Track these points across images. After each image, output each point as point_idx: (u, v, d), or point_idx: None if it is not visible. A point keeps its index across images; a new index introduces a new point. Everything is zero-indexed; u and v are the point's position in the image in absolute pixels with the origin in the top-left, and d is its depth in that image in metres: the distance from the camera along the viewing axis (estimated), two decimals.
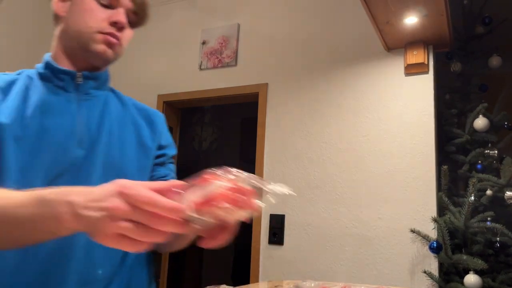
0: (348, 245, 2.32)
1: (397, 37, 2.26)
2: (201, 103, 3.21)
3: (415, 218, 2.18)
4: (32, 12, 3.20)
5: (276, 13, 2.84)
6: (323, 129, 2.52)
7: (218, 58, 2.94)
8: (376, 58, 2.45)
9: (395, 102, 2.36)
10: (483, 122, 2.19)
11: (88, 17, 0.88)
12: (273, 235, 2.52)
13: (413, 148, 2.26)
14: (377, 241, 2.25)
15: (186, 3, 3.20)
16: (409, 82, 2.34)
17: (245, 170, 0.56)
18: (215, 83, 2.91)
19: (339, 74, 2.54)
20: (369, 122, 2.40)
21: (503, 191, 2.02)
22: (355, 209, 2.34)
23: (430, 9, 1.97)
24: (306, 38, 2.69)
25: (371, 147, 2.36)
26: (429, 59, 2.31)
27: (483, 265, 1.86)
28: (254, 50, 2.85)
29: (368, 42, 2.46)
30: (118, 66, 1.03)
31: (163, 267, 3.02)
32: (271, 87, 2.74)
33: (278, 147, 2.63)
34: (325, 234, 2.38)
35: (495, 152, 2.18)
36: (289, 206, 2.51)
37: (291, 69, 2.70)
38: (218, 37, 2.98)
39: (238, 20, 2.95)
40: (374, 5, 1.97)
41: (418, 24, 2.12)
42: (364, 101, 2.44)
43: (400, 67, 2.37)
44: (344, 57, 2.55)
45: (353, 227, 2.32)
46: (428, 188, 2.18)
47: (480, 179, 2.07)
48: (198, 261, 4.51)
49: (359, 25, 2.49)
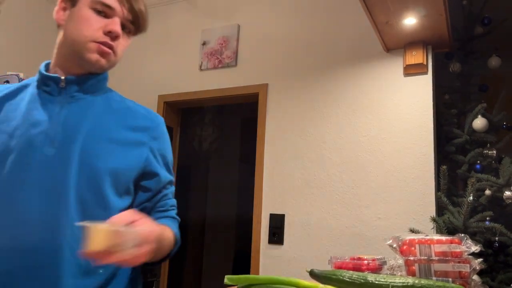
0: (348, 245, 2.32)
1: (397, 37, 2.26)
2: (201, 103, 3.22)
3: (414, 218, 2.18)
4: (32, 12, 3.20)
5: (276, 14, 2.84)
6: (323, 129, 2.52)
7: (218, 59, 2.95)
8: (375, 59, 2.45)
9: (395, 103, 2.36)
10: (482, 122, 2.20)
11: (83, 26, 0.91)
12: (273, 235, 2.53)
13: (412, 148, 2.26)
14: (377, 241, 2.25)
15: (186, 4, 3.20)
16: (409, 82, 2.35)
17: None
18: (215, 84, 2.92)
19: (339, 74, 2.55)
20: (369, 122, 2.40)
21: (502, 191, 2.02)
22: (355, 209, 2.34)
23: (430, 10, 1.97)
24: (306, 38, 2.69)
25: (370, 147, 2.37)
26: (428, 59, 2.31)
27: (482, 265, 1.86)
28: (254, 50, 2.86)
29: (367, 42, 2.46)
30: (118, 66, 1.04)
31: (163, 267, 3.03)
32: (271, 87, 2.74)
33: (278, 147, 2.64)
34: (325, 234, 2.39)
35: (494, 152, 2.18)
36: (289, 206, 2.52)
37: (291, 69, 2.70)
38: (218, 37, 2.98)
39: (238, 20, 2.96)
40: (373, 6, 1.97)
41: (417, 25, 2.12)
42: (364, 101, 2.44)
43: (399, 67, 2.38)
44: (344, 57, 2.55)
45: (353, 227, 2.33)
46: (427, 188, 2.19)
47: (479, 179, 2.08)
48: (198, 261, 4.52)
49: (358, 25, 2.50)
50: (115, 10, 0.93)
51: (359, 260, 0.96)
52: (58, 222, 0.83)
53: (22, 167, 0.85)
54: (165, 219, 0.98)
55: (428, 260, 0.83)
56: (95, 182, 0.88)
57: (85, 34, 0.91)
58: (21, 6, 3.14)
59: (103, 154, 0.90)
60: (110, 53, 0.93)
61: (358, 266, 0.94)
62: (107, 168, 0.89)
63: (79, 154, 0.87)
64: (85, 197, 0.86)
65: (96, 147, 0.90)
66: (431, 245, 0.84)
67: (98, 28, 0.91)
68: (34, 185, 0.84)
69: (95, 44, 0.91)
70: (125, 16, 0.95)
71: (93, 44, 0.91)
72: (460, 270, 0.81)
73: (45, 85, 0.94)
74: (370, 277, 0.75)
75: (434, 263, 0.82)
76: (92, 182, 0.87)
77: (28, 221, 0.82)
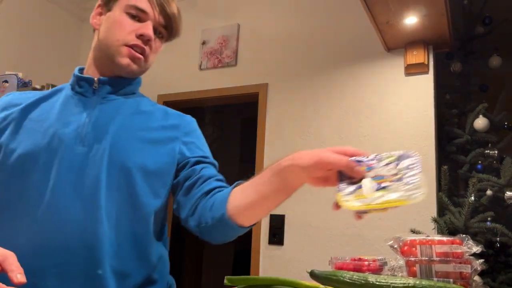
0: (348, 245, 2.31)
1: (397, 37, 2.26)
2: (201, 103, 3.21)
3: (415, 218, 2.18)
4: (31, 12, 3.20)
5: (276, 13, 2.84)
6: (323, 129, 2.52)
7: (218, 58, 2.94)
8: (376, 58, 2.45)
9: (395, 102, 2.35)
10: (483, 122, 2.19)
11: (116, 29, 0.93)
12: (273, 235, 2.52)
13: (413, 148, 2.26)
14: (378, 241, 2.24)
15: (186, 3, 3.20)
16: (409, 82, 2.34)
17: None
18: (215, 83, 2.91)
19: (339, 74, 2.54)
20: (369, 123, 2.40)
21: (503, 191, 2.01)
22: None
23: (430, 9, 1.96)
24: (306, 38, 2.69)
25: (371, 147, 2.36)
26: (429, 59, 2.31)
27: (483, 266, 1.86)
28: (254, 50, 2.85)
29: (368, 42, 2.46)
30: None
31: None
32: (271, 87, 2.74)
33: (278, 147, 2.63)
34: (325, 234, 2.38)
35: (495, 152, 2.18)
36: (289, 206, 2.51)
37: (291, 69, 2.70)
38: (218, 37, 2.98)
39: (238, 20, 2.95)
40: (374, 5, 1.96)
41: (418, 24, 2.11)
42: (364, 101, 2.44)
43: (400, 67, 2.37)
44: (344, 57, 2.55)
45: (353, 227, 2.32)
46: (428, 188, 2.18)
47: (480, 179, 2.07)
48: (198, 261, 4.51)
49: (359, 25, 2.49)
50: (148, 14, 0.94)
51: (359, 261, 0.96)
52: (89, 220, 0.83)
53: (54, 165, 0.85)
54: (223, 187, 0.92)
55: (429, 260, 0.82)
56: (125, 180, 0.87)
57: (117, 37, 0.92)
58: (20, 6, 3.13)
59: (133, 152, 0.90)
60: (141, 59, 0.95)
61: (359, 267, 0.94)
62: (137, 166, 0.88)
63: (109, 153, 0.87)
64: (115, 195, 0.86)
65: (125, 146, 0.90)
66: (432, 245, 0.83)
67: (131, 32, 0.93)
68: (66, 184, 0.84)
69: (126, 48, 0.93)
70: (157, 20, 0.96)
71: (125, 49, 0.92)
72: (461, 270, 0.81)
73: (78, 86, 0.95)
74: (371, 278, 0.74)
75: (435, 263, 0.82)
76: (122, 180, 0.87)
77: (60, 219, 0.82)
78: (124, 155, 0.88)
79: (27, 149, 0.87)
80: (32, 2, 3.20)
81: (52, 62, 3.24)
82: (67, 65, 3.40)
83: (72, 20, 3.47)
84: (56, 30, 3.35)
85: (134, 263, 0.86)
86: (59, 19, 3.39)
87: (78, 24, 3.53)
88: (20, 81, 2.64)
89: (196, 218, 0.88)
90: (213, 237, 0.89)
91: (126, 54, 0.93)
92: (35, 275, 0.76)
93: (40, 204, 0.83)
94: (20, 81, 2.64)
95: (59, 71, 3.33)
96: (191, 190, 0.91)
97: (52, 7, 3.33)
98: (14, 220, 0.84)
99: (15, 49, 3.05)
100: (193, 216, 0.88)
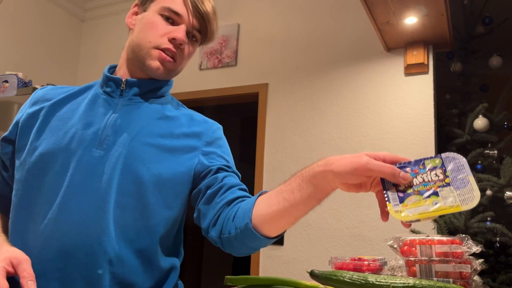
0: (349, 245, 2.31)
1: (397, 37, 2.26)
2: (201, 103, 3.21)
3: None
4: (31, 12, 3.20)
5: (276, 13, 2.84)
6: (323, 129, 2.52)
7: (218, 58, 2.94)
8: (376, 58, 2.45)
9: (395, 102, 2.36)
10: (483, 122, 2.19)
11: (149, 30, 0.92)
12: None
13: (413, 148, 2.26)
14: (378, 241, 2.24)
15: None
16: (409, 82, 2.34)
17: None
18: (215, 83, 2.91)
19: (339, 74, 2.54)
20: (369, 122, 2.40)
21: (503, 191, 2.02)
22: (356, 209, 2.33)
23: (430, 9, 1.96)
24: (306, 38, 2.69)
25: (371, 147, 2.36)
26: (429, 59, 2.31)
27: (483, 266, 1.86)
28: (254, 50, 2.85)
29: (368, 42, 2.46)
30: None
31: None
32: (271, 87, 2.74)
33: (278, 147, 2.63)
34: (325, 234, 2.38)
35: (495, 152, 2.18)
36: None
37: (291, 69, 2.70)
38: (218, 37, 2.98)
39: (238, 20, 2.95)
40: (374, 5, 1.96)
41: (418, 24, 2.11)
42: (364, 101, 2.44)
43: (400, 67, 2.37)
44: (344, 57, 2.55)
45: (354, 227, 2.32)
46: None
47: (480, 179, 2.07)
48: (198, 261, 4.51)
49: (359, 25, 2.49)
50: (182, 17, 0.93)
51: (359, 261, 0.95)
52: (95, 225, 0.81)
53: (70, 167, 0.84)
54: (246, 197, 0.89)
55: (429, 260, 0.82)
56: (137, 188, 0.84)
57: (149, 39, 0.91)
58: (20, 6, 3.13)
59: (149, 160, 0.86)
60: (171, 62, 0.93)
61: (359, 267, 0.94)
62: (151, 174, 0.85)
63: (124, 158, 0.85)
64: (125, 202, 0.83)
65: (142, 153, 0.87)
66: (432, 245, 0.83)
67: (163, 34, 0.91)
68: (78, 187, 0.82)
69: (157, 51, 0.91)
70: (191, 23, 0.95)
71: (156, 51, 0.91)
72: (461, 270, 0.80)
73: (106, 86, 0.94)
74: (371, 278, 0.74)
75: (435, 263, 0.82)
76: (134, 187, 0.84)
77: (67, 221, 0.81)
78: (139, 162, 0.86)
79: (48, 148, 0.86)
80: (32, 2, 3.20)
81: (52, 62, 3.24)
82: (67, 65, 3.41)
83: (72, 20, 3.47)
84: (56, 30, 3.35)
85: (138, 273, 0.84)
86: (59, 19, 3.39)
87: (78, 24, 3.53)
88: (20, 81, 2.64)
89: (218, 228, 0.84)
90: (235, 248, 0.84)
91: (156, 57, 0.91)
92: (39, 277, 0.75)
93: (52, 205, 0.82)
94: (20, 81, 2.64)
95: (59, 71, 3.33)
96: (214, 199, 0.87)
97: (52, 7, 3.33)
98: (28, 219, 0.84)
99: (15, 49, 3.05)
100: (215, 226, 0.85)
